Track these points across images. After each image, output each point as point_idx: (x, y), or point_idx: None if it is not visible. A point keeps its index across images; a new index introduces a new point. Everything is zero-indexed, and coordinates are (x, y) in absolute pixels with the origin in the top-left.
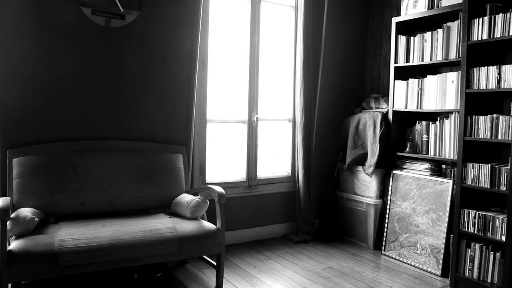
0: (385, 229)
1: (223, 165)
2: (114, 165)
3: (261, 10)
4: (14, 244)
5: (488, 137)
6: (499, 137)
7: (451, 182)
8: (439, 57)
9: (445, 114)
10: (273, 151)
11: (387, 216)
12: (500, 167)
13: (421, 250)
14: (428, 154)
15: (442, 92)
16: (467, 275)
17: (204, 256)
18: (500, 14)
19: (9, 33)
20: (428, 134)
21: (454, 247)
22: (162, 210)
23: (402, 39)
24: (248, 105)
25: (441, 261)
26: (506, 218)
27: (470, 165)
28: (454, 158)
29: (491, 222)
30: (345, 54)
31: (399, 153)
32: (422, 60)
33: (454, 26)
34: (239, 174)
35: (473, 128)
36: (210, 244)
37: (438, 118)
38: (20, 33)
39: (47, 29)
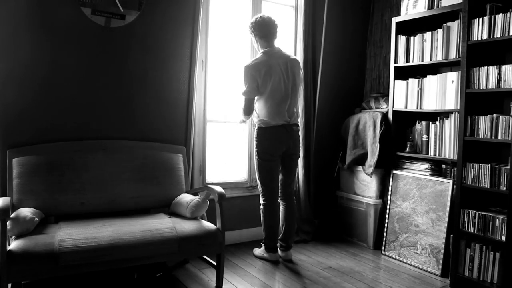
0: (385, 229)
1: (223, 165)
2: (114, 165)
3: (262, 10)
4: (14, 244)
5: (488, 137)
6: (499, 137)
7: (451, 182)
8: (439, 57)
9: (445, 114)
10: None
11: (387, 216)
12: (500, 167)
13: (421, 250)
14: (428, 154)
15: (442, 92)
16: (467, 275)
17: (204, 256)
18: (500, 14)
19: (9, 33)
20: (428, 134)
21: (454, 247)
22: (162, 210)
23: (402, 39)
24: None
25: (441, 261)
26: (506, 218)
27: (470, 165)
28: (454, 158)
29: (491, 222)
30: (345, 54)
31: (399, 153)
32: (422, 60)
33: (454, 26)
34: (240, 174)
35: (473, 128)
36: (210, 244)
37: (438, 118)
38: (20, 33)
39: (47, 29)
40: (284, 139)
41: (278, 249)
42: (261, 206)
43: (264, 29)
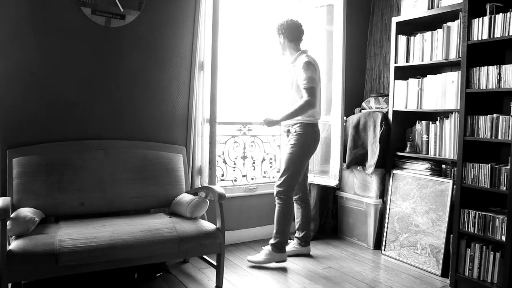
0: (385, 229)
1: (223, 165)
2: (114, 165)
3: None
4: (14, 244)
5: (488, 137)
6: (499, 137)
7: (451, 182)
8: (439, 57)
9: (445, 114)
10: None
11: (387, 216)
12: (500, 167)
13: (421, 250)
14: (428, 154)
15: (442, 92)
16: (467, 275)
17: (204, 256)
18: (500, 14)
19: (9, 33)
20: (428, 134)
21: (454, 247)
22: (162, 210)
23: (402, 39)
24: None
25: (441, 261)
26: (506, 218)
27: (470, 165)
28: (454, 158)
29: (491, 222)
30: (345, 54)
31: (399, 153)
32: (422, 60)
33: (454, 26)
34: (240, 174)
35: (473, 128)
36: (210, 244)
37: (438, 118)
38: (20, 33)
39: (47, 29)
40: (319, 137)
41: (299, 245)
42: (282, 203)
43: (295, 33)
